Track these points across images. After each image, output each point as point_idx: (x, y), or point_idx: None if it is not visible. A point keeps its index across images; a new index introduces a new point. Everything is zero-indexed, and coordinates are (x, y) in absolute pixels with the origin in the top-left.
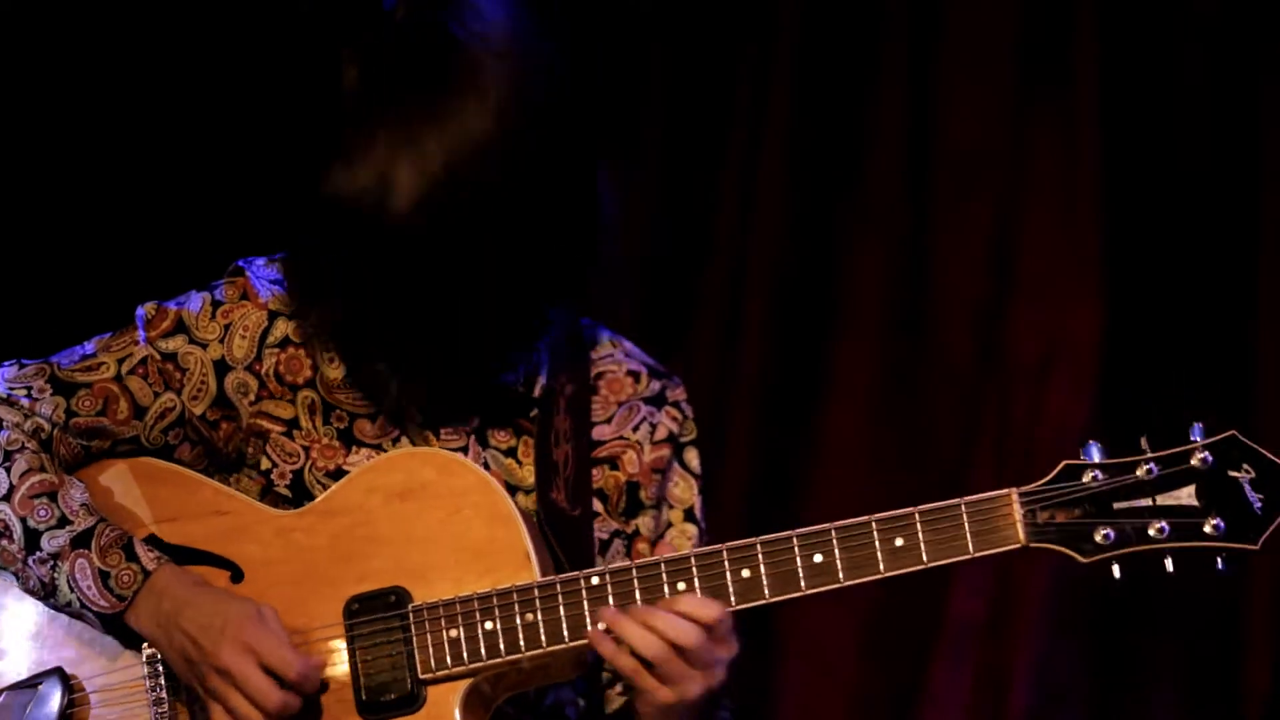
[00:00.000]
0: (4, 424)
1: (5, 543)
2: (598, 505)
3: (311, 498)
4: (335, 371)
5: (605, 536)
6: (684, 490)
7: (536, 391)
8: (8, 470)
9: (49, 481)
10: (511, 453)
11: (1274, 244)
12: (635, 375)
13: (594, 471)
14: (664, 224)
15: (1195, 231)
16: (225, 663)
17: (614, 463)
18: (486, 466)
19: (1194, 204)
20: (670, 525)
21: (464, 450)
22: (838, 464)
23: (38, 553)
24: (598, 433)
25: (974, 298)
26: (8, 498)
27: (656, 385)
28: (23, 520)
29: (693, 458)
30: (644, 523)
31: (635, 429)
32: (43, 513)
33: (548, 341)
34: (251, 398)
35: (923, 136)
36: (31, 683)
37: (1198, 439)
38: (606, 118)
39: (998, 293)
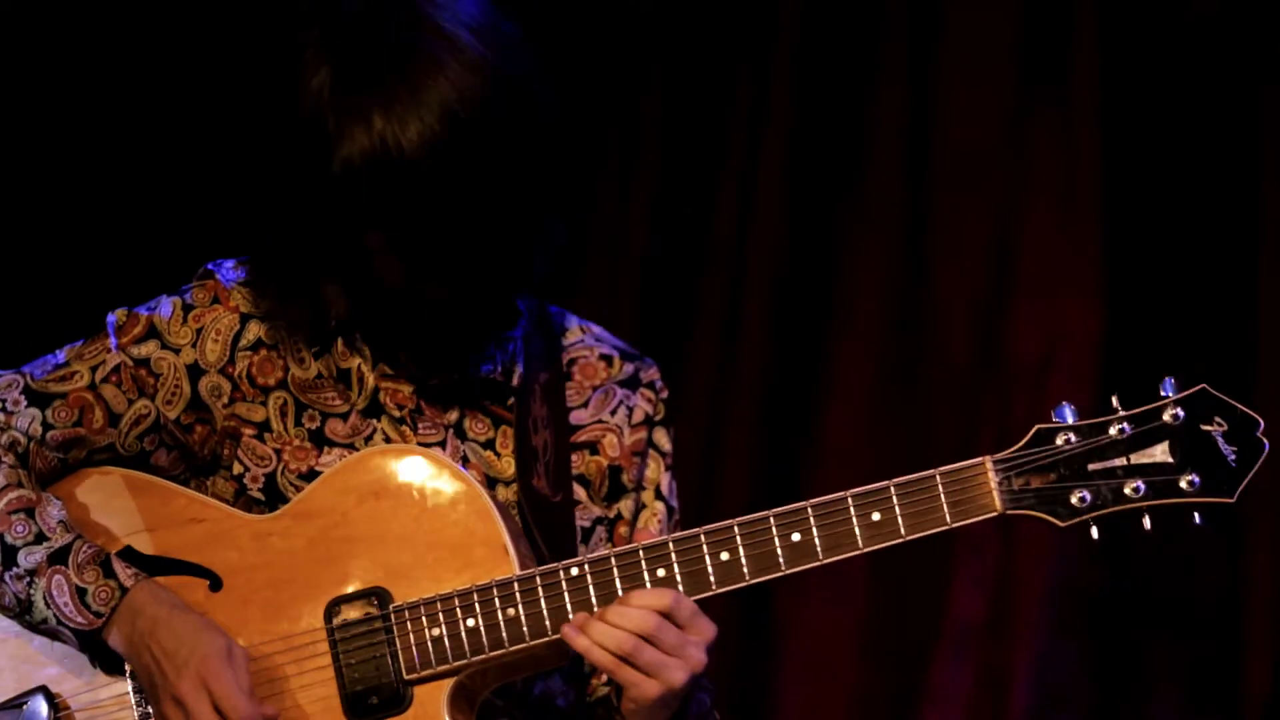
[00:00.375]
0: None
1: None
2: (580, 492)
3: (285, 500)
4: (306, 371)
5: (587, 524)
6: (653, 470)
7: (515, 380)
8: None
9: (26, 498)
10: (490, 444)
11: (1274, 243)
12: (608, 359)
13: (574, 457)
14: (664, 224)
15: (1195, 231)
16: (181, 693)
17: (594, 447)
18: (465, 459)
19: (1194, 204)
20: (644, 506)
21: (442, 445)
22: (838, 464)
23: (14, 569)
24: (575, 417)
25: (974, 298)
26: None
27: (630, 368)
28: (0, 536)
29: (662, 437)
30: (625, 506)
31: (613, 413)
32: (20, 529)
33: (521, 331)
34: (225, 400)
35: (922, 136)
36: (16, 702)
37: (1169, 394)
38: (579, 110)
39: (998, 293)
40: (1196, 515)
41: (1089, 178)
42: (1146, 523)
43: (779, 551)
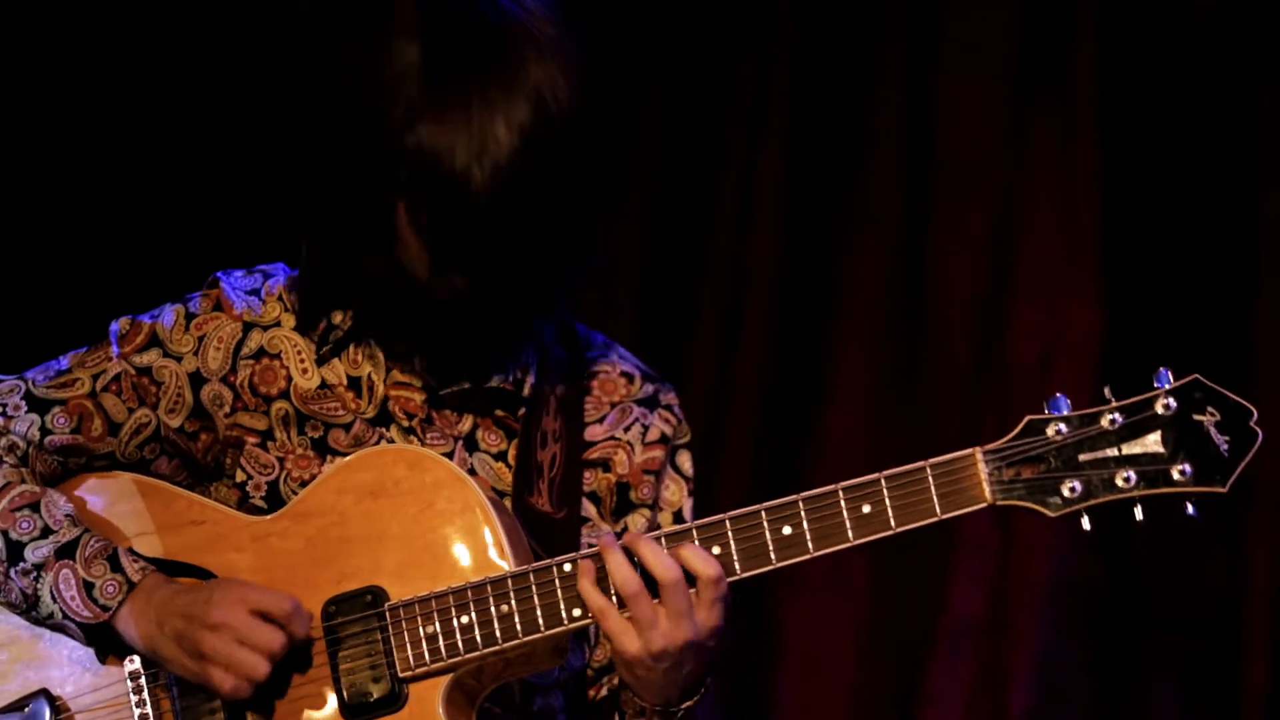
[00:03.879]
0: None
1: None
2: (590, 510)
3: None
4: (309, 381)
5: (593, 542)
6: (674, 493)
7: (526, 391)
8: None
9: (31, 493)
10: (501, 456)
11: (1274, 244)
12: (629, 377)
13: (586, 474)
14: (664, 224)
15: (1195, 231)
16: (217, 618)
17: (606, 464)
18: (473, 472)
19: (1194, 204)
20: (659, 527)
21: (450, 455)
22: (838, 465)
23: (20, 564)
24: (590, 433)
25: (974, 298)
26: None
27: (650, 388)
28: (4, 533)
29: (685, 460)
30: (634, 521)
31: (627, 429)
32: (25, 524)
33: (536, 343)
34: (226, 409)
35: (922, 137)
36: (19, 705)
37: (1161, 385)
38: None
39: (997, 293)
40: (1189, 505)
41: (1089, 178)
42: (1138, 513)
43: (770, 545)
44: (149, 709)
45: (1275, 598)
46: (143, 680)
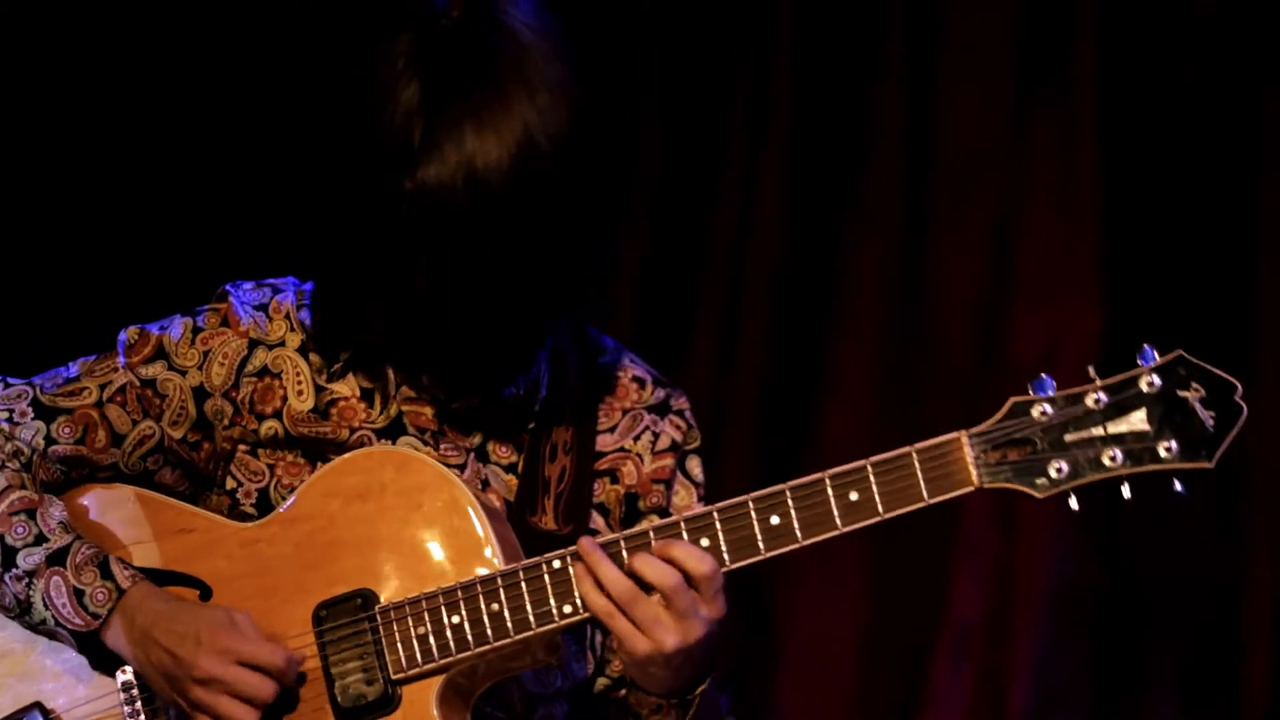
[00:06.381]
0: None
1: None
2: (599, 521)
3: None
4: (303, 404)
5: None
6: (684, 498)
7: (536, 405)
8: None
9: (28, 499)
10: (512, 468)
11: (1274, 244)
12: (640, 382)
13: (595, 485)
14: (664, 224)
15: (1195, 231)
16: (205, 671)
17: (614, 475)
18: (486, 483)
19: (1194, 204)
20: None
21: (462, 467)
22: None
23: (14, 569)
24: (601, 442)
25: (974, 298)
26: None
27: (661, 394)
28: (0, 537)
29: (695, 466)
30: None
31: (636, 439)
32: (20, 530)
33: (547, 352)
34: (226, 423)
35: (922, 137)
36: (12, 718)
37: (1146, 362)
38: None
39: (997, 293)
40: (1177, 482)
41: (1089, 178)
42: (1126, 491)
43: (758, 535)
44: (157, 706)
45: (1275, 598)
46: (135, 691)
